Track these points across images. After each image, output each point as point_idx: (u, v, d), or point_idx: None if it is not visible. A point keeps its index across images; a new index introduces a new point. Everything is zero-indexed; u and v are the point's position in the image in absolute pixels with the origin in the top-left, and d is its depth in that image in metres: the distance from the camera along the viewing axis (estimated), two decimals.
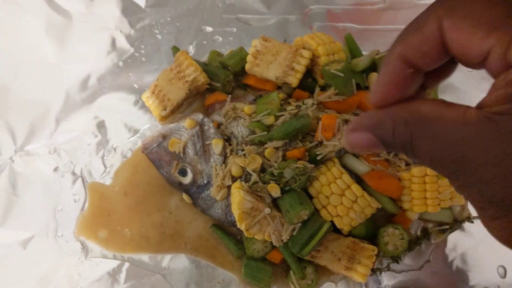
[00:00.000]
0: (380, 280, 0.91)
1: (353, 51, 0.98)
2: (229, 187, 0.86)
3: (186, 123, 0.89)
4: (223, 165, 0.88)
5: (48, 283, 0.90)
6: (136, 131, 0.99)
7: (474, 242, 0.91)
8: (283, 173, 0.81)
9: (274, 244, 0.81)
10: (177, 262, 0.92)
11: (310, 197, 0.84)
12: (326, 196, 0.83)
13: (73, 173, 0.96)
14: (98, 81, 1.02)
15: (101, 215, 0.94)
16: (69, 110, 1.00)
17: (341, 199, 0.82)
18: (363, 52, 0.98)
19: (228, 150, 0.88)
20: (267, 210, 0.79)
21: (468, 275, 0.90)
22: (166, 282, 0.91)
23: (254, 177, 0.83)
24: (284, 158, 0.86)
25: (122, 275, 0.91)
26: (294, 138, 0.86)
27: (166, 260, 0.92)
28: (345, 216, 0.83)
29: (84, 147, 0.98)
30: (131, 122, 1.00)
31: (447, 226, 0.91)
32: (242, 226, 0.79)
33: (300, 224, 0.81)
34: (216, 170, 0.87)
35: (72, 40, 1.04)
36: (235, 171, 0.85)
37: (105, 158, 0.97)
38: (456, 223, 0.91)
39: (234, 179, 0.86)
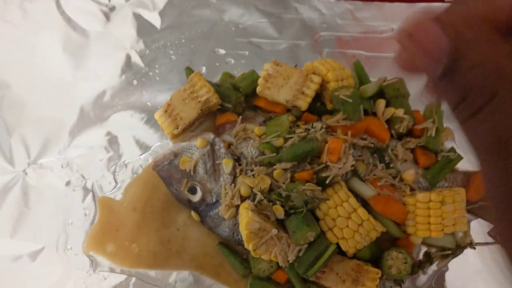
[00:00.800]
0: None
1: (361, 78, 1.01)
2: (237, 207, 0.88)
3: (198, 142, 0.91)
4: (233, 184, 0.90)
5: None
6: (147, 148, 1.02)
7: (475, 269, 0.93)
8: (291, 196, 0.83)
9: (280, 265, 0.83)
10: (183, 279, 0.93)
11: (317, 219, 0.86)
12: (333, 219, 0.85)
13: (85, 188, 0.99)
14: (112, 99, 1.05)
15: (109, 230, 0.96)
16: (83, 125, 1.03)
17: (347, 222, 0.84)
18: (371, 79, 1.01)
19: (237, 170, 0.90)
20: (274, 231, 0.81)
21: None
22: None
23: (259, 196, 0.85)
24: (292, 179, 0.88)
25: None
26: (303, 160, 0.88)
27: (172, 276, 0.94)
28: (350, 238, 0.84)
29: (96, 162, 1.00)
30: (142, 139, 1.02)
31: (450, 252, 0.92)
32: (249, 246, 0.81)
33: (306, 246, 0.83)
34: (225, 189, 0.89)
35: (88, 58, 1.07)
36: (244, 191, 0.87)
37: (116, 173, 0.99)
38: (459, 249, 0.92)
39: (242, 199, 0.88)
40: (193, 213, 0.93)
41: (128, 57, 1.08)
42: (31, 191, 0.98)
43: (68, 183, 0.99)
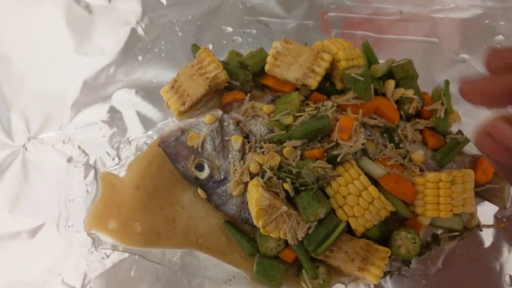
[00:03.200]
0: (389, 285, 0.91)
1: (370, 59, 1.00)
2: (246, 184, 0.87)
3: (206, 118, 0.89)
4: (241, 161, 0.88)
5: (57, 273, 0.89)
6: (152, 125, 1.00)
7: (482, 250, 0.93)
8: (301, 173, 0.82)
9: (289, 242, 0.82)
10: (187, 257, 0.91)
11: (327, 197, 0.85)
12: (343, 196, 0.84)
13: (87, 164, 0.96)
14: (116, 74, 1.02)
15: (111, 207, 0.93)
16: (85, 101, 1.00)
17: (358, 200, 0.83)
18: (379, 60, 1.00)
19: (246, 147, 0.89)
20: (284, 208, 0.80)
21: (476, 283, 0.92)
22: (176, 277, 0.90)
23: (268, 173, 0.83)
24: (302, 157, 0.87)
25: (132, 268, 0.90)
26: (313, 138, 0.87)
27: (177, 255, 0.91)
28: (360, 217, 0.84)
29: (99, 138, 0.98)
30: (147, 116, 1.00)
31: (457, 233, 0.92)
32: (259, 223, 0.80)
33: (316, 223, 0.81)
34: (234, 166, 0.87)
35: (92, 32, 1.05)
36: (253, 168, 0.86)
37: (120, 150, 0.97)
38: (466, 231, 0.92)
39: (252, 176, 0.87)
40: (199, 191, 0.91)
41: (133, 33, 1.05)
42: (31, 167, 0.95)
43: (69, 159, 0.96)
